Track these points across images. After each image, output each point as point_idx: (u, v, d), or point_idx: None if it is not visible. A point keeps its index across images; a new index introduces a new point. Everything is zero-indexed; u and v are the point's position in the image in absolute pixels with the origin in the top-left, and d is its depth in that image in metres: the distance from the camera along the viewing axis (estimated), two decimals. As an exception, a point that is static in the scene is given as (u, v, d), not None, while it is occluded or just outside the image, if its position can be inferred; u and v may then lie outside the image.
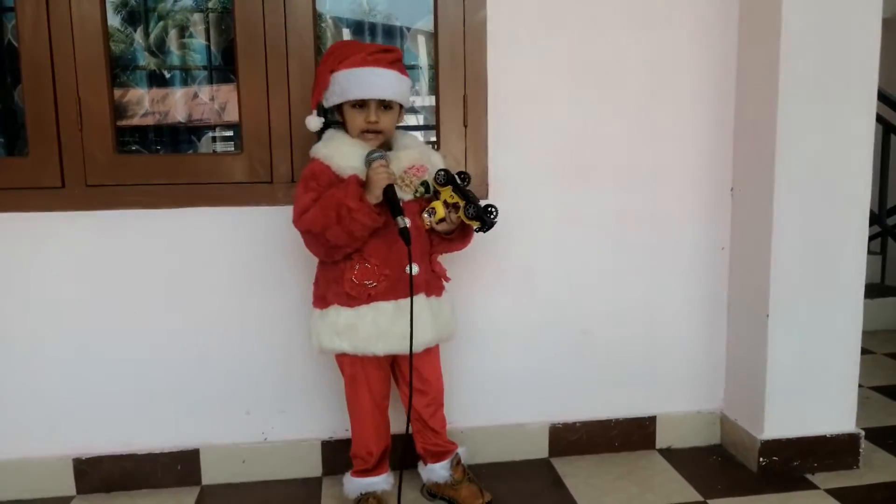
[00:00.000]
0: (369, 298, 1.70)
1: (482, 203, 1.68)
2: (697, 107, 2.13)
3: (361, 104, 1.70)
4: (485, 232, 1.70)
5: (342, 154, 1.70)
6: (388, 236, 1.67)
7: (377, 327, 1.69)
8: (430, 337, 1.77)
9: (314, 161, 1.73)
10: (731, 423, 2.21)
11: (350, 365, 1.79)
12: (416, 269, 1.70)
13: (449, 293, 1.87)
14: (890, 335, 3.46)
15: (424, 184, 1.74)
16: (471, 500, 1.89)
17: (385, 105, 1.71)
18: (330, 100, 1.72)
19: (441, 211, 1.72)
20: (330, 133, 1.76)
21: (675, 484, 2.04)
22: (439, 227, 1.74)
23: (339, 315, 1.71)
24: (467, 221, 1.68)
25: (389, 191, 1.63)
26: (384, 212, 1.65)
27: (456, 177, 1.72)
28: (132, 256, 1.96)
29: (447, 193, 1.71)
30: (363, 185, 1.65)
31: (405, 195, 1.71)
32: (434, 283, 1.81)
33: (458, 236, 1.79)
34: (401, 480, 1.82)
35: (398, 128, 1.81)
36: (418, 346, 1.72)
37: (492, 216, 1.67)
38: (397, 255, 1.68)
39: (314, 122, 1.75)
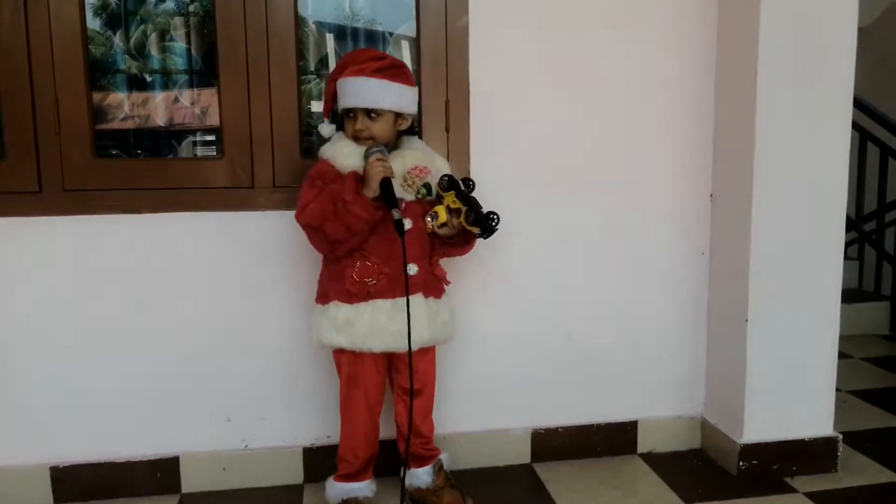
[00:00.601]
0: (368, 296, 1.72)
1: (485, 210, 1.70)
2: (677, 114, 2.15)
3: (352, 113, 1.74)
4: (485, 238, 1.73)
5: (343, 154, 1.74)
6: (389, 234, 1.69)
7: (374, 324, 1.72)
8: (426, 336, 1.78)
9: (321, 161, 1.77)
10: (711, 427, 2.23)
11: (348, 364, 1.79)
12: (414, 268, 1.74)
13: (449, 296, 1.88)
14: (867, 339, 3.51)
15: (427, 185, 1.77)
16: (453, 505, 1.88)
17: (372, 113, 1.72)
18: (339, 107, 1.78)
19: (443, 215, 1.75)
20: (337, 135, 1.81)
21: (657, 488, 2.05)
22: (441, 232, 1.77)
23: (339, 311, 1.73)
24: (468, 227, 1.71)
25: (385, 183, 1.65)
26: (383, 207, 1.67)
27: (460, 182, 1.76)
28: (110, 262, 1.94)
29: (450, 198, 1.74)
30: (362, 180, 1.68)
31: (407, 195, 1.75)
32: (433, 284, 1.83)
33: (459, 241, 1.81)
34: (403, 480, 1.81)
35: (404, 133, 1.83)
36: (414, 345, 1.73)
37: (493, 223, 1.70)
38: (397, 253, 1.69)
39: (326, 129, 1.82)
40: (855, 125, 3.43)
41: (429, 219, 1.77)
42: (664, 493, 2.02)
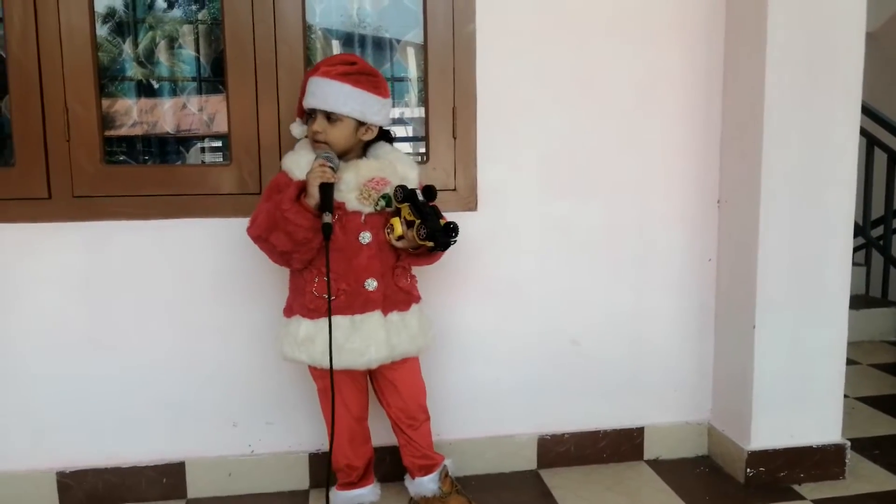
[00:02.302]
0: (328, 312, 1.68)
1: (444, 221, 1.64)
2: (684, 119, 2.15)
3: (313, 114, 1.70)
4: (441, 251, 1.68)
5: (300, 166, 1.69)
6: (348, 250, 1.67)
7: (333, 341, 1.66)
8: (385, 354, 1.72)
9: (280, 173, 1.75)
10: (718, 433, 2.22)
11: (321, 377, 1.77)
12: (373, 284, 1.70)
13: (420, 306, 1.83)
14: (875, 346, 3.49)
15: (386, 197, 1.70)
16: (459, 512, 1.88)
17: (332, 116, 1.68)
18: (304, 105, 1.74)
19: (398, 228, 1.69)
20: (300, 143, 1.77)
21: (663, 495, 2.04)
22: (399, 244, 1.72)
23: (300, 326, 1.72)
24: (419, 242, 1.63)
25: (324, 188, 1.61)
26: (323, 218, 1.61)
27: (416, 193, 1.69)
28: (119, 268, 1.95)
29: (406, 210, 1.68)
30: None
31: (365, 208, 1.69)
32: (396, 297, 1.76)
33: (423, 251, 1.72)
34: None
35: (372, 142, 1.77)
36: (371, 362, 1.71)
37: (452, 236, 1.63)
38: (356, 270, 1.68)
39: (297, 129, 1.78)
40: (862, 131, 3.41)
41: (387, 231, 1.71)
42: (671, 499, 2.01)
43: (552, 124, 2.09)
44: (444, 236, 1.62)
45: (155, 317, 1.98)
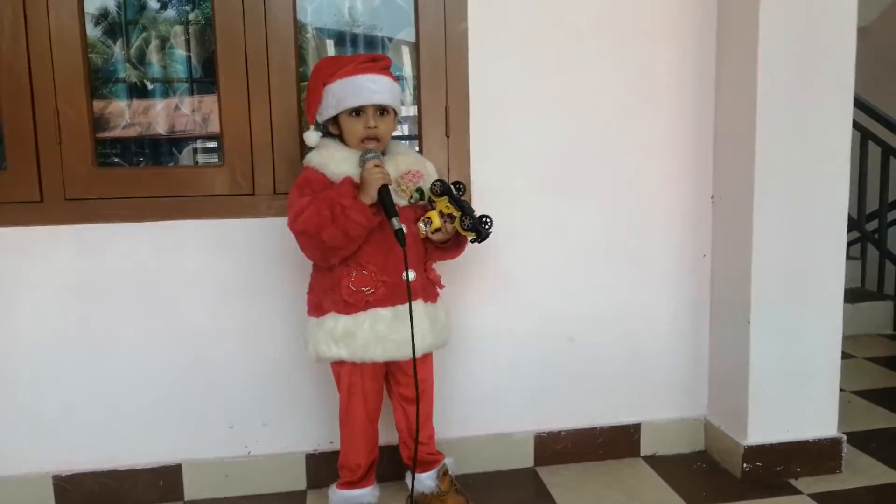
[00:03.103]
0: (367, 305, 1.69)
1: (477, 214, 1.69)
2: (678, 116, 2.15)
3: (358, 112, 1.70)
4: (480, 242, 1.72)
5: (336, 161, 1.70)
6: (385, 243, 1.67)
7: (375, 333, 1.69)
8: (429, 342, 1.77)
9: (307, 169, 1.73)
10: (714, 429, 2.22)
11: (348, 374, 1.77)
12: (412, 275, 1.71)
13: (443, 299, 1.87)
14: (871, 339, 3.50)
15: (419, 190, 1.75)
16: (457, 510, 1.88)
17: (382, 111, 1.72)
18: (325, 113, 1.72)
19: (437, 221, 1.73)
20: (324, 142, 1.75)
21: (661, 491, 2.04)
22: (434, 237, 1.75)
23: (337, 322, 1.70)
24: (463, 233, 1.70)
25: (384, 191, 1.63)
26: (379, 213, 1.65)
27: (452, 187, 1.74)
28: (112, 270, 1.94)
29: (443, 204, 1.72)
30: (357, 187, 1.66)
31: (400, 200, 1.72)
32: (430, 289, 1.81)
33: (452, 245, 1.79)
34: (412, 486, 1.81)
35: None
36: (417, 351, 1.72)
37: (487, 227, 1.69)
38: (394, 261, 1.68)
39: (313, 136, 1.74)
40: (856, 125, 3.42)
41: (422, 224, 1.74)
42: (668, 495, 2.01)
43: (545, 123, 2.08)
44: (483, 228, 1.69)
45: (149, 319, 1.97)
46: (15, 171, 1.88)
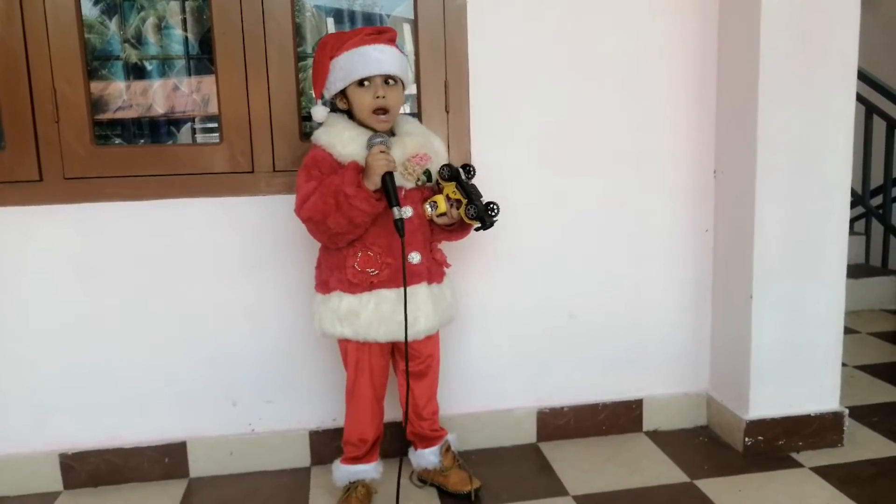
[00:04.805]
0: (371, 286, 1.70)
1: (485, 200, 1.68)
2: (680, 91, 2.13)
3: (366, 83, 1.68)
4: (485, 230, 1.71)
5: (343, 141, 1.69)
6: (391, 225, 1.66)
7: (379, 314, 1.70)
8: (433, 323, 1.78)
9: (315, 148, 1.72)
10: (716, 404, 2.23)
11: (355, 350, 1.78)
12: (417, 257, 1.72)
13: (449, 278, 1.88)
14: (874, 314, 3.49)
15: (427, 172, 1.74)
16: (460, 486, 1.90)
17: (390, 81, 1.70)
18: (333, 87, 1.71)
19: (443, 205, 1.73)
20: (332, 118, 1.74)
21: (663, 465, 2.05)
22: (439, 221, 1.76)
23: (342, 301, 1.71)
24: (467, 220, 1.69)
25: (388, 179, 1.62)
26: (384, 198, 1.64)
27: (461, 171, 1.72)
28: (113, 249, 1.95)
29: (450, 188, 1.72)
30: (363, 171, 1.64)
31: (407, 183, 1.71)
32: (435, 269, 1.81)
33: (457, 227, 1.79)
34: (400, 469, 1.83)
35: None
36: (420, 334, 1.74)
37: (493, 215, 1.68)
38: (399, 243, 1.68)
39: (320, 112, 1.73)
40: (860, 98, 3.39)
41: (428, 208, 1.74)
42: (670, 469, 2.02)
43: (546, 97, 2.07)
44: (488, 216, 1.67)
45: (151, 297, 1.98)
46: (14, 150, 1.87)
